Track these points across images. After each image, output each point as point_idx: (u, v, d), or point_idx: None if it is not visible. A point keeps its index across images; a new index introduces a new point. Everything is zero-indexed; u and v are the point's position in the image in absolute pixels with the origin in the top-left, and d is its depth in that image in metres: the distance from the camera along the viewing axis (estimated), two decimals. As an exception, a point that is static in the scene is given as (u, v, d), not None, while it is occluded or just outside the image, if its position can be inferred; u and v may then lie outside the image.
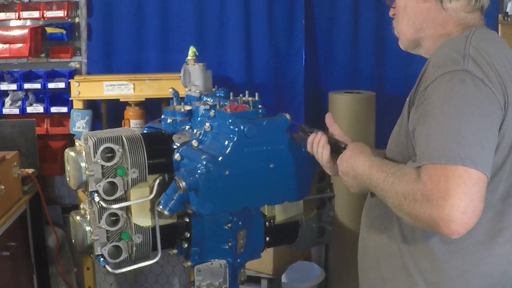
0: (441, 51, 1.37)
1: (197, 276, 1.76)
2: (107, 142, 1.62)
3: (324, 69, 3.42)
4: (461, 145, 1.20)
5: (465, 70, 1.26)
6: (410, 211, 1.24)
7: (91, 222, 1.66)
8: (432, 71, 1.32)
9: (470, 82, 1.25)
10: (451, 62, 1.29)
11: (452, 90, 1.25)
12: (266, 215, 1.86)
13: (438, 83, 1.28)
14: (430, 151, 1.23)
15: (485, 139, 1.23)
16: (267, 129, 1.59)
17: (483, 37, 1.39)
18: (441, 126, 1.24)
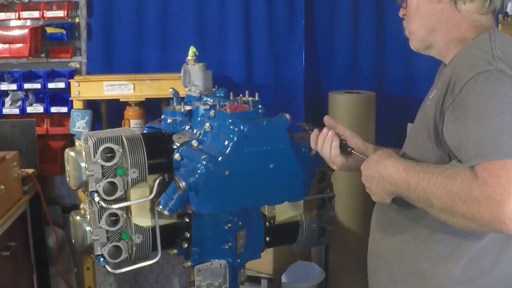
0: (469, 52, 1.36)
1: (197, 276, 1.76)
2: (107, 142, 1.62)
3: (324, 69, 3.42)
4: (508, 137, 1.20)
5: (499, 69, 1.27)
6: (466, 211, 1.20)
7: (91, 222, 1.66)
8: (464, 72, 1.30)
9: (507, 81, 1.26)
10: (483, 62, 1.29)
11: (492, 88, 1.25)
12: (266, 215, 1.86)
13: (474, 83, 1.27)
14: (484, 149, 1.21)
15: None
16: (267, 129, 1.59)
17: (504, 39, 1.39)
18: (489, 123, 1.22)
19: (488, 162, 1.19)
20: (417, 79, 3.25)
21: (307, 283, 3.22)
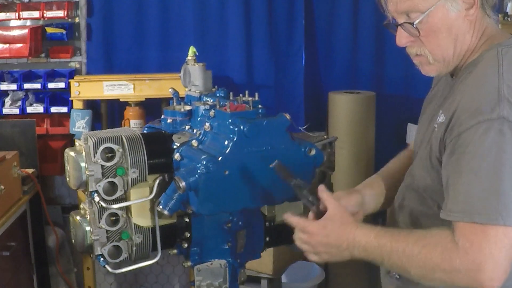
0: (476, 90, 1.28)
1: (197, 276, 1.76)
2: (107, 142, 1.62)
3: (324, 69, 3.43)
4: (501, 202, 1.18)
5: (502, 117, 1.21)
6: (446, 278, 1.22)
7: (91, 222, 1.66)
8: (466, 116, 1.25)
9: (508, 131, 1.20)
10: (486, 108, 1.22)
11: (490, 142, 1.20)
12: (266, 215, 1.85)
13: (474, 132, 1.22)
14: (469, 207, 1.20)
15: None
16: (267, 129, 1.59)
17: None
18: (480, 182, 1.20)
19: (470, 225, 1.19)
20: (417, 79, 3.24)
21: (307, 283, 3.22)
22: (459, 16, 1.32)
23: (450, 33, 1.34)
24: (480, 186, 1.20)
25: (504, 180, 1.19)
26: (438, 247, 1.22)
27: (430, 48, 1.36)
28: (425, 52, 1.37)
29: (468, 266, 1.19)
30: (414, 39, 1.36)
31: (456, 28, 1.33)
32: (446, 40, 1.34)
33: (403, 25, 1.35)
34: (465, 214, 1.20)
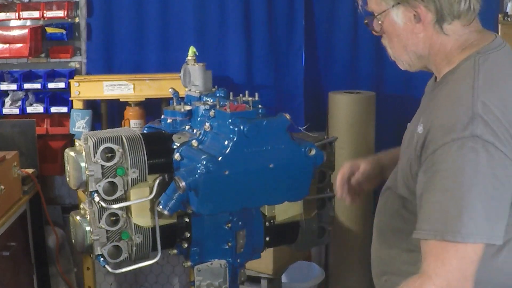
0: (449, 106, 1.30)
1: (197, 276, 1.76)
2: (107, 142, 1.62)
3: (324, 69, 3.42)
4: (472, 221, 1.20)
5: (475, 135, 1.22)
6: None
7: (91, 222, 1.66)
8: (441, 134, 1.27)
9: (481, 149, 1.22)
10: (459, 126, 1.24)
11: (463, 161, 1.22)
12: (266, 215, 1.86)
13: (447, 150, 1.24)
14: (439, 226, 1.23)
15: (496, 210, 1.23)
16: (267, 129, 1.59)
17: (490, 72, 1.32)
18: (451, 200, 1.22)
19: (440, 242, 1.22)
20: (417, 79, 3.24)
21: (307, 283, 3.22)
22: (406, 27, 1.40)
23: (399, 40, 1.42)
24: (451, 204, 1.22)
25: (475, 199, 1.21)
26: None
27: (389, 47, 1.48)
28: (388, 48, 1.49)
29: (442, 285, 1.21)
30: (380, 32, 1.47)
31: (404, 37, 1.41)
32: (397, 44, 1.44)
33: (369, 20, 1.47)
34: (435, 232, 1.23)
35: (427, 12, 1.36)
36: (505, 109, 1.27)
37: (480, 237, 1.21)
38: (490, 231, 1.22)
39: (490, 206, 1.22)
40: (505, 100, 1.28)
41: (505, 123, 1.25)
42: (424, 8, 1.36)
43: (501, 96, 1.29)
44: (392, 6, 1.40)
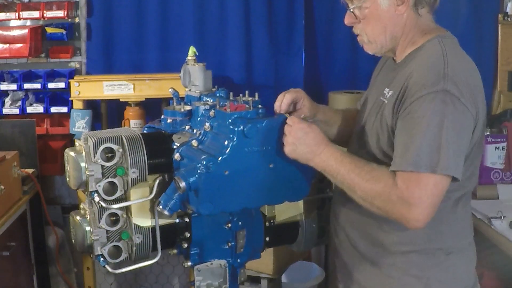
0: (424, 69, 1.54)
1: (197, 276, 1.76)
2: (107, 142, 1.62)
3: (324, 69, 3.42)
4: (439, 157, 1.43)
5: (445, 90, 1.46)
6: (382, 207, 1.49)
7: (91, 222, 1.66)
8: (416, 89, 1.50)
9: (449, 102, 1.45)
10: (433, 82, 1.48)
11: (434, 109, 1.45)
12: (266, 215, 1.86)
13: (422, 101, 1.47)
14: (408, 159, 1.44)
15: (456, 149, 1.46)
16: (267, 129, 1.59)
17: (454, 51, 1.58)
18: (421, 138, 1.45)
19: (408, 173, 1.44)
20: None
21: (307, 283, 3.22)
22: (389, 10, 1.60)
23: (381, 22, 1.62)
24: (423, 144, 1.44)
25: (443, 140, 1.43)
26: (382, 181, 1.48)
27: (366, 31, 1.66)
28: (362, 33, 1.68)
29: (401, 204, 1.44)
30: (356, 20, 1.67)
31: (386, 19, 1.62)
32: (378, 27, 1.63)
33: (348, 9, 1.66)
34: (406, 164, 1.44)
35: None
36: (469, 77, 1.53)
37: (449, 170, 1.44)
38: (456, 167, 1.46)
39: (455, 147, 1.45)
40: (467, 71, 1.55)
41: (469, 85, 1.50)
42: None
43: (465, 67, 1.55)
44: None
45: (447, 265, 1.66)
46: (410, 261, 1.65)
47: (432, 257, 1.65)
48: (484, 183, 2.81)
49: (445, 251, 1.65)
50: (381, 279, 1.69)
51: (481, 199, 2.74)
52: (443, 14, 3.36)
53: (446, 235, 1.65)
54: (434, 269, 1.65)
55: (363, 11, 1.63)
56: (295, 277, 3.25)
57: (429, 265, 1.65)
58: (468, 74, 1.54)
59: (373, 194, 1.49)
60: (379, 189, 1.47)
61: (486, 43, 3.25)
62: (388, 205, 1.47)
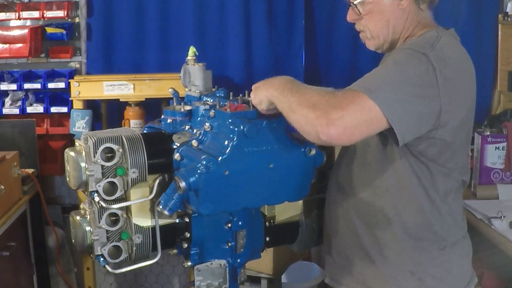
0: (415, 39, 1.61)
1: (197, 276, 1.76)
2: (107, 142, 1.62)
3: (324, 69, 3.42)
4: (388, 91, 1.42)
5: (425, 54, 1.48)
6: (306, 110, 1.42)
7: (91, 222, 1.66)
8: (399, 48, 1.59)
9: (425, 63, 1.46)
10: (417, 47, 1.51)
11: (407, 61, 1.48)
12: (266, 215, 1.86)
13: (400, 52, 1.54)
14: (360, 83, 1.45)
15: (409, 103, 1.44)
16: (267, 129, 1.59)
17: (449, 37, 1.60)
18: (382, 73, 1.48)
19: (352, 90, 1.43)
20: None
21: (307, 283, 3.22)
22: (392, 4, 1.63)
23: (384, 17, 1.65)
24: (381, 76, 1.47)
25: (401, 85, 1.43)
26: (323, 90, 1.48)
27: (369, 26, 1.68)
28: (365, 29, 1.70)
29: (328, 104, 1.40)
30: (358, 17, 1.68)
31: (389, 13, 1.64)
32: (381, 22, 1.65)
33: (351, 5, 1.68)
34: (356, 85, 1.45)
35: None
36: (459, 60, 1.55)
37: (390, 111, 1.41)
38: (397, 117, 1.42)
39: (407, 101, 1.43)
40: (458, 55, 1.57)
41: (457, 68, 1.52)
42: None
43: (457, 52, 1.57)
44: None
45: (441, 260, 1.66)
46: (403, 256, 1.66)
47: (425, 252, 1.66)
48: (484, 183, 2.81)
49: (438, 246, 1.66)
50: (376, 274, 1.70)
51: (481, 199, 2.74)
52: (443, 14, 3.39)
53: (438, 227, 1.65)
54: (427, 264, 1.66)
55: (366, 6, 1.64)
56: (295, 277, 3.25)
57: (422, 260, 1.66)
58: (459, 59, 1.56)
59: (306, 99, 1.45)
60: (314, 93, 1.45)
61: (486, 43, 3.25)
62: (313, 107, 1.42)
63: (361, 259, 1.72)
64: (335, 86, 3.60)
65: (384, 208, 1.65)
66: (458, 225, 1.72)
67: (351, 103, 1.39)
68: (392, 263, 1.67)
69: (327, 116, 1.38)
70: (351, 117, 1.39)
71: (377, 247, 1.69)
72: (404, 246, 1.66)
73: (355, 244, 1.73)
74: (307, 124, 1.43)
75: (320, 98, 1.42)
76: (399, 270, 1.67)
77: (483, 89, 3.20)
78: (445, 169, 1.62)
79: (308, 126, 1.43)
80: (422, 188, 1.62)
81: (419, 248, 1.66)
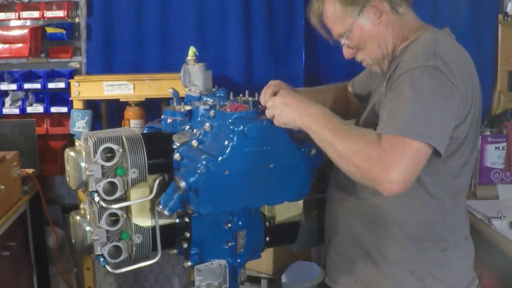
0: (416, 49, 1.58)
1: (197, 276, 1.76)
2: (107, 142, 1.62)
3: (324, 69, 3.42)
4: (423, 124, 1.43)
5: (434, 66, 1.49)
6: (360, 164, 1.45)
7: (91, 222, 1.66)
8: (407, 63, 1.53)
9: (438, 77, 1.48)
10: (423, 58, 1.51)
11: (423, 81, 1.47)
12: (266, 215, 1.86)
13: (412, 73, 1.50)
14: (395, 123, 1.44)
15: (442, 123, 1.47)
16: (267, 129, 1.59)
17: (446, 40, 1.60)
18: (409, 107, 1.45)
19: (393, 135, 1.43)
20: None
21: (307, 283, 3.22)
22: (374, 25, 1.65)
23: (373, 40, 1.67)
24: (409, 111, 1.45)
25: (428, 108, 1.45)
26: (367, 137, 1.46)
27: (365, 53, 1.72)
28: (364, 58, 1.74)
29: (380, 162, 1.41)
30: (353, 50, 1.73)
31: (375, 34, 1.66)
32: (373, 45, 1.68)
33: (343, 44, 1.72)
34: (392, 128, 1.44)
35: (383, 3, 1.64)
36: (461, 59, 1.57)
37: (431, 140, 1.44)
38: (438, 139, 1.46)
39: (439, 120, 1.46)
40: (458, 54, 1.59)
41: (460, 67, 1.53)
42: (379, 1, 1.63)
43: (456, 51, 1.60)
44: (357, 14, 1.64)
45: (442, 260, 1.67)
46: (404, 255, 1.66)
47: (426, 252, 1.66)
48: (484, 183, 2.81)
49: (440, 247, 1.66)
50: (375, 273, 1.70)
51: (481, 199, 2.74)
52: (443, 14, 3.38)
53: (440, 228, 1.66)
54: (428, 264, 1.66)
55: (354, 38, 1.68)
56: (295, 277, 3.25)
57: (423, 260, 1.66)
58: (460, 57, 1.58)
59: (354, 149, 1.46)
60: (361, 144, 1.45)
61: (486, 43, 3.25)
62: (366, 162, 1.44)
63: (361, 259, 1.72)
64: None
65: (385, 207, 1.65)
66: (461, 226, 1.73)
67: (403, 155, 1.42)
68: (393, 263, 1.67)
69: (385, 176, 1.41)
70: (407, 168, 1.42)
71: (377, 247, 1.68)
72: (405, 245, 1.66)
73: (354, 243, 1.73)
74: (363, 178, 1.47)
75: (369, 151, 1.44)
76: (399, 270, 1.67)
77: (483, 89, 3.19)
78: (455, 168, 1.62)
79: (364, 181, 1.47)
80: (425, 188, 1.62)
81: (420, 248, 1.66)
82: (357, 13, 1.64)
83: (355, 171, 1.47)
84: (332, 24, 1.71)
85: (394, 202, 1.64)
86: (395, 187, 1.41)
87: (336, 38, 1.73)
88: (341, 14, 1.66)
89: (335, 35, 1.73)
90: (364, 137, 1.47)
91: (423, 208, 1.63)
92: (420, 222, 1.64)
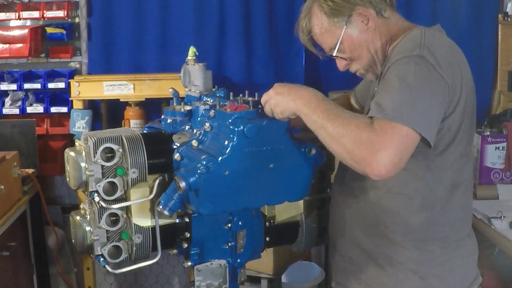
0: (404, 43, 1.61)
1: (197, 276, 1.76)
2: (107, 142, 1.62)
3: (324, 69, 3.42)
4: (410, 111, 1.44)
5: (420, 55, 1.51)
6: (348, 145, 1.45)
7: (91, 222, 1.66)
8: (395, 56, 1.56)
9: (423, 65, 1.49)
10: (409, 49, 1.54)
11: (408, 70, 1.49)
12: (266, 215, 1.86)
13: (398, 64, 1.52)
14: (385, 111, 1.44)
15: (429, 110, 1.48)
16: (267, 129, 1.59)
17: (433, 34, 1.62)
18: (397, 94, 1.47)
19: (384, 120, 1.43)
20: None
21: (307, 283, 3.22)
22: (362, 32, 1.67)
23: (362, 47, 1.69)
24: (396, 97, 1.46)
25: (415, 96, 1.46)
26: (359, 120, 1.47)
27: (358, 62, 1.73)
28: (358, 68, 1.75)
29: (369, 144, 1.41)
30: (347, 62, 1.74)
31: (364, 41, 1.68)
32: (363, 52, 1.70)
33: (336, 57, 1.75)
34: (383, 114, 1.44)
35: (368, 9, 1.65)
36: (448, 50, 1.58)
37: (417, 126, 1.44)
38: (425, 126, 1.46)
39: (425, 108, 1.47)
40: (446, 46, 1.60)
41: (447, 57, 1.54)
42: (364, 8, 1.65)
43: (443, 43, 1.61)
44: (345, 24, 1.66)
45: (444, 259, 1.67)
46: (407, 256, 1.66)
47: (428, 251, 1.66)
48: (484, 183, 2.81)
49: (441, 245, 1.66)
50: (378, 273, 1.70)
51: (481, 199, 2.74)
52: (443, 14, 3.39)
53: (441, 224, 1.66)
54: (430, 263, 1.66)
55: (345, 48, 1.70)
56: (295, 277, 3.25)
57: (425, 260, 1.66)
58: (447, 48, 1.59)
59: (345, 130, 1.46)
60: (353, 126, 1.45)
61: (486, 43, 3.25)
62: (356, 143, 1.43)
63: (364, 261, 1.72)
64: (335, 86, 3.60)
65: (387, 209, 1.66)
66: (462, 223, 1.72)
67: (392, 137, 1.42)
68: (395, 263, 1.67)
69: (374, 158, 1.40)
70: (396, 151, 1.41)
71: (380, 249, 1.69)
72: (406, 246, 1.66)
73: (357, 246, 1.73)
74: (352, 160, 1.46)
75: (360, 132, 1.44)
76: (402, 270, 1.67)
77: (483, 89, 3.20)
78: (452, 160, 1.62)
79: (353, 163, 1.46)
80: (426, 184, 1.62)
81: (421, 247, 1.66)
82: (345, 23, 1.66)
83: (344, 152, 1.47)
84: (322, 39, 1.73)
85: (395, 203, 1.64)
86: (383, 170, 1.40)
87: (328, 53, 1.76)
88: (329, 27, 1.69)
89: (326, 50, 1.76)
90: (355, 119, 1.47)
91: (423, 205, 1.63)
92: (421, 220, 1.64)
